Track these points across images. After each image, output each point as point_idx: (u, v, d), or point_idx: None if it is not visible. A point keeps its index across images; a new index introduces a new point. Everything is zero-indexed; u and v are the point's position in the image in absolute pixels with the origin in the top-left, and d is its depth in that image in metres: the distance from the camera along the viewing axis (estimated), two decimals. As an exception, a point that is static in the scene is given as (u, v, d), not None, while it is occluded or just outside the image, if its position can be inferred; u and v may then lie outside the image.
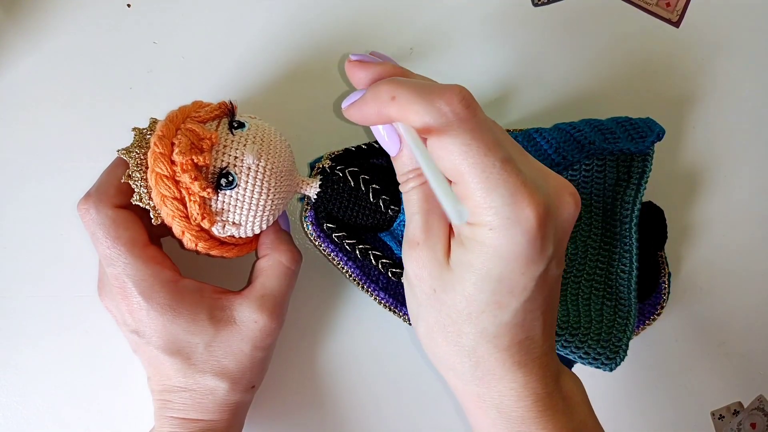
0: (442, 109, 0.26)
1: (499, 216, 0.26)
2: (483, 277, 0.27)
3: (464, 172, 0.26)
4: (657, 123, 0.40)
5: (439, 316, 0.29)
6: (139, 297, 0.34)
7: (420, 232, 0.29)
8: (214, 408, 0.36)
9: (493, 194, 0.26)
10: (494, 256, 0.27)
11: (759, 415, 0.46)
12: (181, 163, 0.32)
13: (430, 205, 0.29)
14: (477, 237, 0.27)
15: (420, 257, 0.29)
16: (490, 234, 0.27)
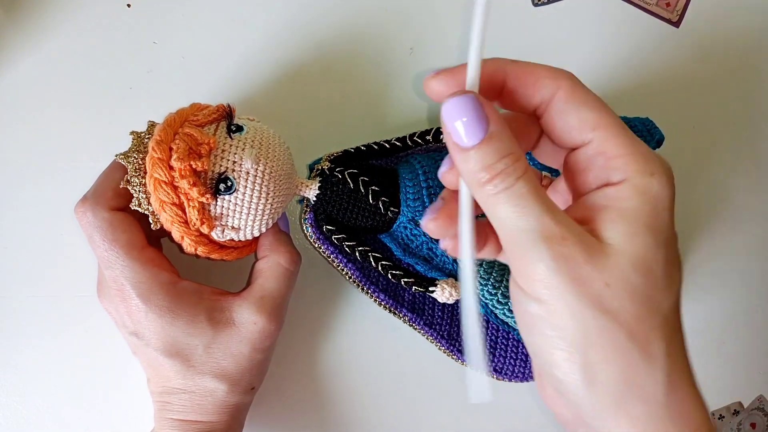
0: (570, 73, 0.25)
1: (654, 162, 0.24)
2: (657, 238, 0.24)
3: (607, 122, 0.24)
4: (656, 126, 0.40)
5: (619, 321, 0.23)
6: (138, 299, 0.34)
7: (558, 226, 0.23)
8: (213, 409, 0.36)
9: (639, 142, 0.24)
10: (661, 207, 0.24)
11: (759, 415, 0.46)
12: (179, 169, 0.32)
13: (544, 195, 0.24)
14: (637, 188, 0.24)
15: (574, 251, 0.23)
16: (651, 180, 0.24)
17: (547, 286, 0.23)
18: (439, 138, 0.38)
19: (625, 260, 0.23)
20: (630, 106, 0.45)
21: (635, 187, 0.24)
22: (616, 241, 0.23)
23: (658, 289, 0.23)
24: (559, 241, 0.23)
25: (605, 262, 0.23)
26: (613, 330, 0.23)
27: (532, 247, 0.23)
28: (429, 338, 0.41)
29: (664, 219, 0.24)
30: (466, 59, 0.25)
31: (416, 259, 0.38)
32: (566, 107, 0.25)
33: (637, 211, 0.24)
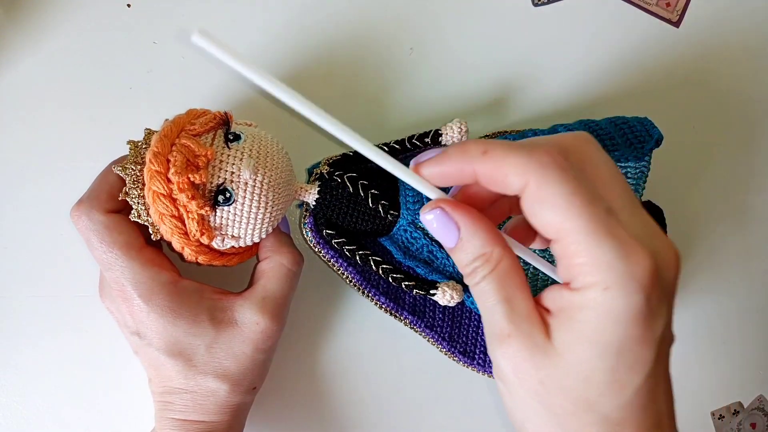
0: (537, 155, 0.24)
1: (613, 272, 0.23)
2: (601, 351, 0.24)
3: (568, 224, 0.24)
4: (654, 126, 0.39)
5: (552, 412, 0.25)
6: (139, 299, 0.34)
7: (507, 323, 0.26)
8: (215, 409, 0.36)
9: (603, 248, 0.23)
10: (611, 320, 0.23)
11: (759, 415, 0.46)
12: (177, 183, 0.31)
13: (510, 290, 0.26)
14: (588, 302, 0.24)
15: (517, 349, 0.25)
16: (604, 295, 0.23)
17: (503, 375, 0.26)
18: (437, 140, 0.38)
19: (561, 365, 0.24)
20: (630, 106, 0.45)
21: (587, 300, 0.24)
22: (558, 344, 0.25)
23: (596, 393, 0.24)
24: (505, 338, 0.26)
25: (543, 361, 0.25)
26: (548, 418, 0.25)
27: (490, 342, 0.27)
28: (430, 340, 0.41)
29: (614, 332, 0.23)
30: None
31: (417, 262, 0.38)
32: (532, 208, 0.24)
33: (584, 323, 0.24)
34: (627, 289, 0.23)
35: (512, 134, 0.40)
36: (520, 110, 0.45)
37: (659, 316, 0.24)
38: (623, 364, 0.24)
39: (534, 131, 0.39)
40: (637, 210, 0.25)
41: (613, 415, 0.25)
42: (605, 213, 0.24)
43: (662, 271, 0.24)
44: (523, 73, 0.45)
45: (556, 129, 0.39)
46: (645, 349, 0.24)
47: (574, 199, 0.23)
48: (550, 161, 0.24)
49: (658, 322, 0.24)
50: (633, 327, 0.24)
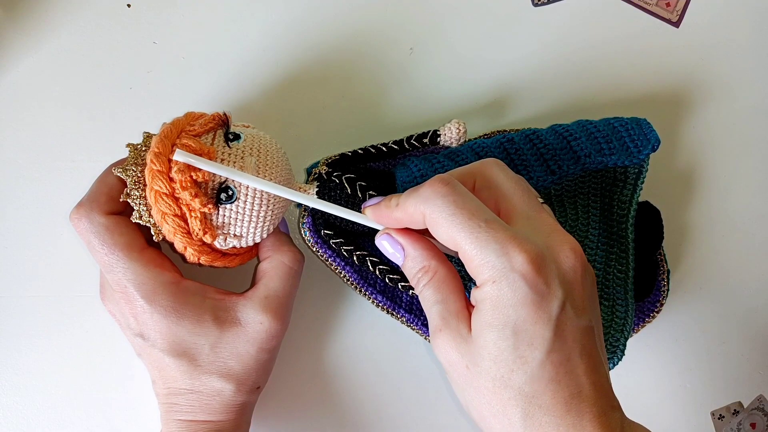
0: (424, 194, 0.30)
1: (495, 268, 0.28)
2: (500, 332, 0.28)
3: (457, 238, 0.29)
4: (652, 128, 0.39)
5: (481, 393, 0.30)
6: (142, 300, 0.34)
7: (440, 319, 0.31)
8: (221, 409, 0.36)
9: (485, 250, 0.28)
10: (502, 306, 0.28)
11: (759, 415, 0.46)
12: (180, 180, 0.32)
13: (444, 293, 0.31)
14: (484, 295, 0.29)
15: (445, 341, 0.30)
16: (493, 287, 0.28)
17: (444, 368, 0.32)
18: (435, 141, 0.38)
19: (477, 350, 0.29)
20: (629, 106, 0.45)
21: (484, 294, 0.29)
22: (474, 334, 0.30)
23: (506, 370, 0.28)
24: (437, 333, 0.31)
25: (466, 349, 0.30)
26: (479, 399, 0.30)
27: (431, 338, 0.32)
28: (427, 338, 0.41)
29: (508, 315, 0.28)
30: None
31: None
32: (433, 231, 0.30)
33: (483, 312, 0.29)
34: (509, 279, 0.28)
35: (511, 133, 0.40)
36: (519, 110, 0.45)
37: (551, 299, 0.28)
38: (522, 341, 0.28)
39: (533, 130, 0.39)
40: (533, 214, 0.31)
41: (526, 388, 0.28)
42: (485, 223, 0.29)
43: (552, 261, 0.29)
44: (523, 73, 0.45)
45: (555, 129, 0.39)
46: (539, 327, 0.28)
47: (455, 218, 0.29)
48: (431, 193, 0.30)
49: (551, 303, 0.28)
50: (523, 309, 0.28)
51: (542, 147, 0.38)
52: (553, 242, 0.30)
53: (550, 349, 0.28)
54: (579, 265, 0.30)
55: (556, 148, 0.38)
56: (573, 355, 0.29)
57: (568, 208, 0.40)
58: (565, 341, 0.29)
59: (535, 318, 0.28)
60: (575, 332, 0.29)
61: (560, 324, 0.28)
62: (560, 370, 0.28)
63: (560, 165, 0.38)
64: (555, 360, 0.28)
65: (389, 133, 0.43)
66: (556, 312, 0.28)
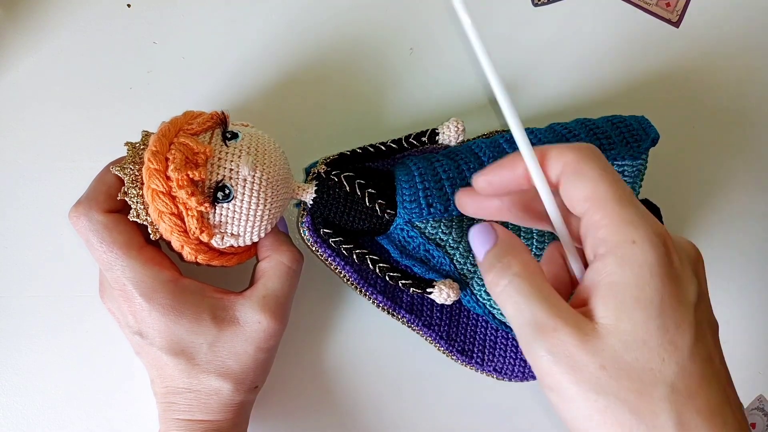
0: (580, 146, 0.27)
1: (639, 228, 0.25)
2: (649, 310, 0.24)
3: (600, 194, 0.25)
4: (651, 124, 0.39)
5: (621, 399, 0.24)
6: (141, 298, 0.34)
7: (549, 316, 0.25)
8: (219, 408, 0.36)
9: (628, 209, 0.25)
10: (648, 274, 0.24)
11: (759, 415, 0.46)
12: (177, 179, 0.32)
13: (544, 286, 0.26)
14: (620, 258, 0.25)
15: (567, 341, 0.24)
16: (633, 248, 0.24)
17: (551, 378, 0.25)
18: (434, 139, 0.38)
19: (616, 339, 0.24)
20: (629, 106, 0.45)
21: (617, 259, 0.25)
22: (607, 321, 0.24)
23: (657, 360, 0.24)
24: (551, 333, 0.25)
25: (598, 345, 0.24)
26: (616, 409, 0.24)
27: (532, 341, 0.25)
28: (428, 339, 0.41)
29: (654, 286, 0.24)
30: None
31: (413, 260, 0.38)
32: (568, 180, 0.26)
33: (622, 285, 0.24)
34: (653, 242, 0.24)
35: (509, 132, 0.40)
36: (520, 110, 0.45)
37: (689, 281, 0.25)
38: (671, 322, 0.24)
39: (531, 130, 0.39)
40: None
41: (679, 384, 0.24)
42: (630, 190, 0.26)
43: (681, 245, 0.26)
44: (523, 72, 0.45)
45: (554, 128, 0.39)
46: (684, 309, 0.24)
47: (605, 174, 0.26)
48: (586, 147, 0.27)
49: (689, 286, 0.25)
50: (667, 281, 0.24)
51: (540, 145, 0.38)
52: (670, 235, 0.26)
53: (696, 338, 0.24)
54: (702, 260, 0.27)
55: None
56: (714, 356, 0.25)
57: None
58: (705, 336, 0.25)
59: (680, 297, 0.24)
60: (711, 329, 0.25)
61: (698, 314, 0.25)
62: (707, 367, 0.24)
63: None
64: (702, 354, 0.24)
65: (389, 133, 0.43)
66: (694, 299, 0.25)
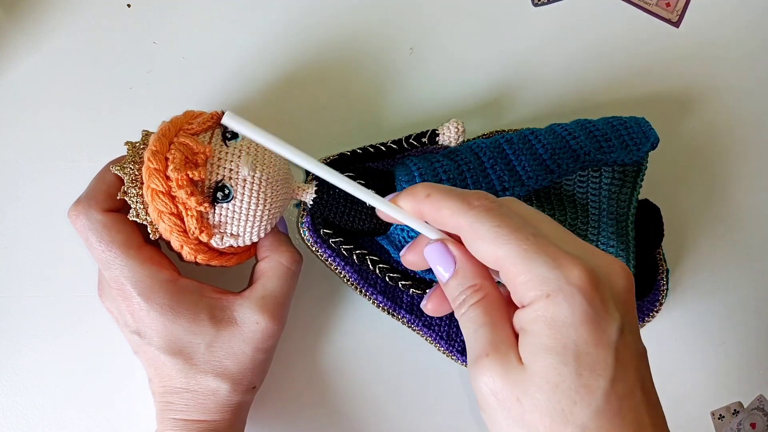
0: (472, 203, 0.28)
1: (549, 282, 0.25)
2: (560, 356, 0.25)
3: (501, 254, 0.26)
4: (651, 127, 0.39)
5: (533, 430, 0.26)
6: (139, 297, 0.34)
7: (488, 344, 0.27)
8: (216, 408, 0.36)
9: (536, 263, 0.26)
10: (560, 325, 0.25)
11: (759, 415, 0.46)
12: (176, 179, 0.32)
13: (494, 317, 0.28)
14: (537, 313, 0.26)
15: (492, 368, 0.26)
16: (547, 302, 0.25)
17: (483, 402, 0.27)
18: (434, 140, 0.38)
19: (531, 379, 0.26)
20: (629, 106, 0.45)
21: (533, 312, 0.26)
22: (525, 361, 0.26)
23: (569, 402, 0.25)
24: (484, 360, 0.27)
25: (516, 379, 0.26)
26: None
27: (471, 366, 0.28)
28: (428, 339, 0.41)
29: (567, 335, 0.25)
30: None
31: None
32: (471, 245, 0.28)
33: (537, 334, 0.26)
34: (566, 293, 0.25)
35: (510, 133, 0.40)
36: (518, 110, 0.45)
37: (610, 320, 0.25)
38: (585, 367, 0.25)
39: (531, 130, 0.39)
40: (571, 238, 0.28)
41: (591, 425, 0.25)
42: (532, 236, 0.26)
43: (606, 281, 0.26)
44: (522, 72, 0.45)
45: (554, 129, 0.39)
46: (601, 351, 0.25)
47: (501, 230, 0.27)
48: (479, 205, 0.28)
49: (610, 326, 0.25)
50: (583, 328, 0.25)
51: (540, 146, 0.38)
52: (602, 262, 0.27)
53: (614, 377, 0.25)
54: (631, 287, 0.27)
55: (555, 147, 0.38)
56: (635, 388, 0.26)
57: (567, 206, 0.40)
58: (627, 370, 0.26)
59: (596, 340, 0.25)
60: (635, 361, 0.26)
61: (620, 350, 0.25)
62: (624, 404, 0.25)
63: (559, 164, 0.38)
64: (619, 392, 0.25)
65: (389, 133, 0.43)
66: (616, 336, 0.25)
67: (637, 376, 0.26)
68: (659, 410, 0.27)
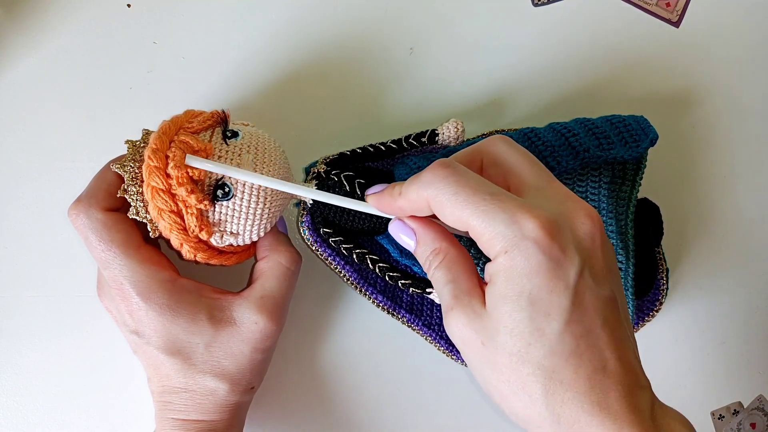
0: (425, 178, 0.30)
1: (506, 238, 0.27)
2: (514, 303, 0.27)
3: (463, 216, 0.28)
4: (650, 124, 0.40)
5: (498, 370, 0.28)
6: (138, 297, 0.34)
7: (451, 298, 0.30)
8: (214, 408, 0.36)
9: (494, 222, 0.28)
10: (516, 276, 0.27)
11: (759, 415, 0.46)
12: (176, 177, 0.32)
13: (454, 273, 0.31)
14: (498, 267, 0.28)
15: (458, 318, 0.29)
16: (505, 258, 0.27)
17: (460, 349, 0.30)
18: (434, 140, 0.38)
19: (493, 325, 0.28)
20: (629, 106, 0.45)
21: (495, 266, 0.28)
22: (489, 309, 0.29)
23: (524, 344, 0.27)
24: (450, 312, 0.30)
25: (479, 326, 0.29)
26: (498, 378, 0.29)
27: (444, 319, 0.31)
28: (428, 339, 0.41)
29: (522, 285, 0.27)
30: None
31: (413, 260, 0.38)
32: (441, 217, 0.30)
33: (497, 285, 0.28)
34: (521, 248, 0.27)
35: (509, 132, 0.40)
36: (518, 110, 0.45)
37: (568, 266, 0.27)
38: (538, 312, 0.27)
39: (531, 129, 0.39)
40: (543, 185, 0.30)
41: (545, 363, 0.27)
42: (489, 195, 0.28)
43: (567, 227, 0.28)
44: (522, 72, 0.45)
45: (553, 127, 0.40)
46: (556, 297, 0.27)
47: (458, 196, 0.28)
48: (432, 177, 0.29)
49: (568, 271, 0.27)
50: (537, 277, 0.27)
51: (540, 144, 0.38)
52: (568, 209, 0.29)
53: (569, 319, 0.27)
54: (596, 232, 0.29)
55: (555, 144, 0.38)
56: (594, 327, 0.27)
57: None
58: (585, 312, 0.27)
59: (551, 287, 0.27)
60: (596, 302, 0.28)
61: (579, 293, 0.27)
62: (581, 342, 0.27)
63: (558, 161, 0.38)
64: (575, 332, 0.27)
65: (389, 133, 0.43)
66: (574, 280, 0.27)
67: (597, 315, 0.28)
68: (627, 346, 0.29)
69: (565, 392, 0.27)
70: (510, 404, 0.29)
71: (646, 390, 0.29)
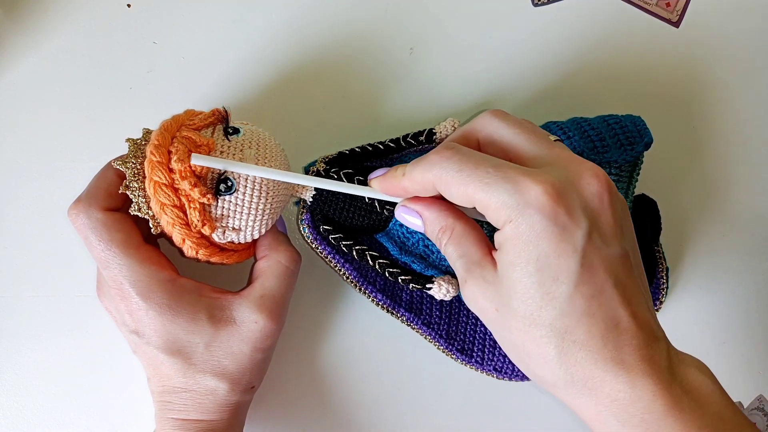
0: (430, 159, 0.30)
1: (510, 207, 0.28)
2: (523, 269, 0.28)
3: (468, 191, 0.29)
4: (646, 126, 0.39)
5: (514, 334, 0.29)
6: (137, 297, 0.34)
7: (464, 271, 0.31)
8: (214, 408, 0.36)
9: (497, 192, 0.28)
10: (522, 243, 0.28)
11: (759, 415, 0.46)
12: (179, 171, 0.32)
13: (465, 246, 0.31)
14: (505, 236, 0.29)
15: (472, 289, 0.31)
16: (511, 227, 0.28)
17: (481, 318, 0.32)
18: (431, 139, 0.38)
19: (505, 291, 0.29)
20: (629, 106, 0.45)
21: (502, 235, 0.29)
22: (500, 276, 0.29)
23: (535, 307, 0.28)
24: (464, 284, 0.31)
25: (493, 293, 0.30)
26: (514, 341, 0.30)
27: (462, 292, 0.32)
28: (427, 338, 0.41)
29: (529, 251, 0.28)
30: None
31: (412, 257, 0.38)
32: (447, 196, 0.31)
33: (505, 252, 0.29)
34: (525, 215, 0.28)
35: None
36: (517, 109, 0.45)
37: (575, 229, 0.28)
38: (547, 276, 0.28)
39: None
40: (544, 152, 0.30)
41: (557, 324, 0.28)
42: (492, 167, 0.29)
43: (572, 190, 0.28)
44: (522, 72, 0.45)
45: (549, 126, 0.40)
46: (564, 261, 0.27)
47: (462, 172, 0.29)
48: (437, 159, 0.30)
49: (575, 234, 0.28)
50: (543, 243, 0.27)
51: None
52: (572, 172, 0.29)
53: (579, 281, 0.27)
54: (604, 190, 0.29)
55: None
56: (606, 286, 0.28)
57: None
58: (596, 273, 0.28)
59: (558, 251, 0.27)
60: (606, 262, 0.28)
61: (587, 255, 0.27)
62: (593, 303, 0.28)
63: None
64: (586, 293, 0.27)
65: (388, 133, 0.43)
66: (582, 243, 0.27)
67: (608, 274, 0.28)
68: (640, 301, 0.29)
69: (579, 351, 0.28)
70: (528, 366, 0.30)
71: (662, 341, 0.29)
